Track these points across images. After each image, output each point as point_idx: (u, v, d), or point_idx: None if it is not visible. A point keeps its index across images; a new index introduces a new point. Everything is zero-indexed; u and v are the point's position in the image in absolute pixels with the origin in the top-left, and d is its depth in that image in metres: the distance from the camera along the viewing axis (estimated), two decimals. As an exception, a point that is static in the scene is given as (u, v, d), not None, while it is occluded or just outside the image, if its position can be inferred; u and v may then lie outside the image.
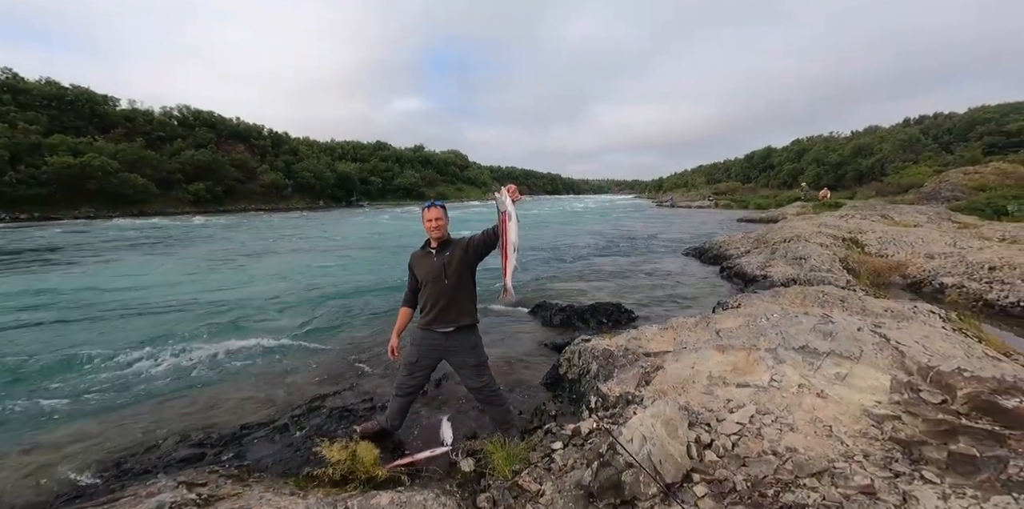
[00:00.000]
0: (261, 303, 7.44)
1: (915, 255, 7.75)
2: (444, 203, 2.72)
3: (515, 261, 2.43)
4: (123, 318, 6.64)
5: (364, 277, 9.59)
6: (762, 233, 10.80)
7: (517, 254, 2.42)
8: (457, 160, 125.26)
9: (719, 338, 3.13)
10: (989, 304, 5.27)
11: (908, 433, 1.54)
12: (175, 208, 50.11)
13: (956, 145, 42.06)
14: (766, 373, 2.35)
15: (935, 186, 25.59)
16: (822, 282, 6.07)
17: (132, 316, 6.74)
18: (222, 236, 21.00)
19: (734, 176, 76.22)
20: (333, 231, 23.60)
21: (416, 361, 2.82)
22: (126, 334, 5.85)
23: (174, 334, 5.78)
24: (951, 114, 49.88)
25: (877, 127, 58.76)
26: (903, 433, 1.56)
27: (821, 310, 3.40)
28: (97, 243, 17.81)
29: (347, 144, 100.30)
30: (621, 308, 5.95)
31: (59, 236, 21.28)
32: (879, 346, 2.24)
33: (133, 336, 5.73)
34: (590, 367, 3.59)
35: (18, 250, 15.55)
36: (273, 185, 66.71)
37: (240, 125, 73.13)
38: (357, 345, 5.32)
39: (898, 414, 1.64)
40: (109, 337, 5.74)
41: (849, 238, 9.08)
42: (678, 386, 2.86)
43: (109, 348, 5.24)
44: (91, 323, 6.39)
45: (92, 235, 21.69)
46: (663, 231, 20.25)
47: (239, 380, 4.44)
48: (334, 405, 3.75)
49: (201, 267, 11.41)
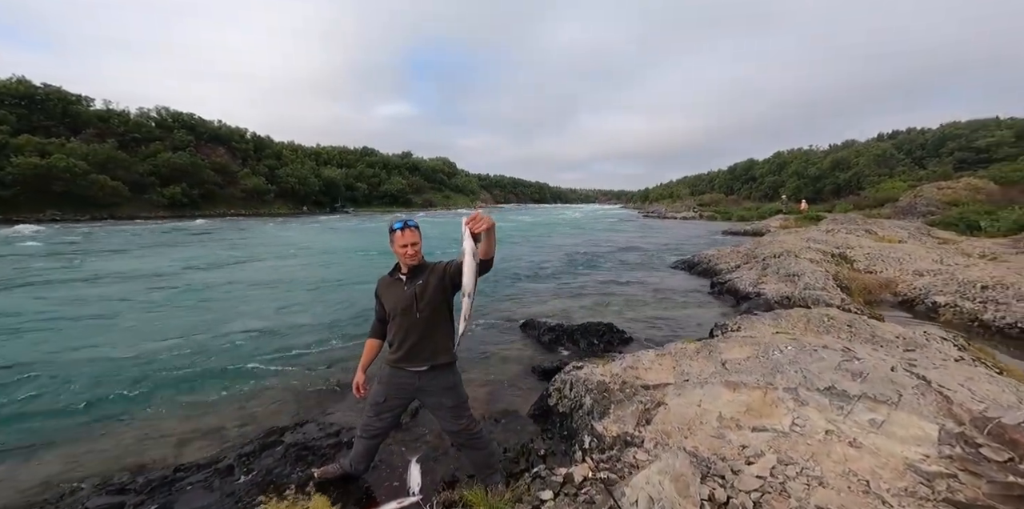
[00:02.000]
0: (214, 323, 6.87)
1: (903, 272, 7.72)
2: (417, 222, 2.34)
3: (468, 312, 1.98)
4: (43, 332, 6.04)
5: (333, 296, 9.10)
6: (751, 247, 10.73)
7: (471, 301, 1.95)
8: (445, 167, 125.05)
9: (726, 371, 2.85)
10: (985, 325, 5.17)
11: (969, 495, 1.28)
12: (148, 212, 48.42)
13: (928, 160, 43.69)
14: (787, 416, 2.07)
15: (910, 201, 26.37)
16: (817, 301, 5.92)
17: (47, 330, 6.16)
18: (190, 242, 20.13)
19: (718, 187, 77.84)
20: (307, 239, 22.91)
21: (384, 401, 2.45)
22: (41, 354, 5.27)
23: (105, 356, 5.22)
24: (923, 130, 51.92)
25: (853, 141, 60.87)
26: (962, 495, 1.29)
27: (831, 338, 3.17)
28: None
29: (333, 149, 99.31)
30: (613, 328, 5.66)
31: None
32: (920, 390, 2.00)
33: (52, 356, 5.16)
34: (583, 401, 3.26)
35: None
36: (255, 190, 65.29)
37: (221, 128, 71.71)
38: (322, 372, 4.88)
39: (953, 472, 1.38)
40: (22, 357, 5.14)
41: (838, 254, 9.05)
42: (683, 427, 2.56)
43: (18, 372, 4.67)
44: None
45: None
46: (652, 243, 20.22)
47: (182, 409, 3.97)
48: (292, 441, 3.30)
49: (144, 280, 10.73)
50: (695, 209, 52.46)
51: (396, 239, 2.24)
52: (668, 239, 21.88)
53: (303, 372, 4.82)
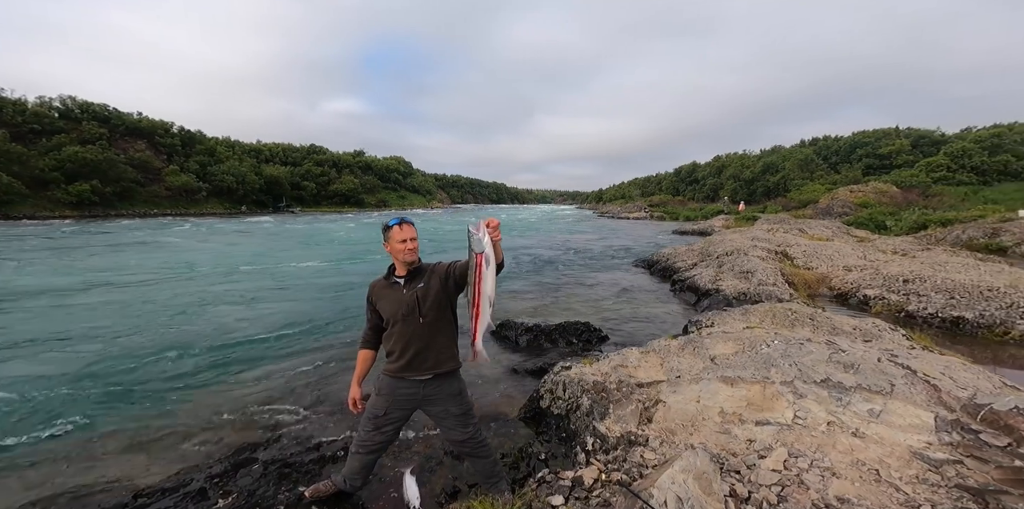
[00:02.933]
0: (168, 328, 6.23)
1: (835, 268, 8.58)
2: (412, 219, 2.21)
3: (488, 317, 1.97)
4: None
5: (304, 293, 8.56)
6: (703, 246, 11.43)
7: (492, 308, 1.96)
8: (400, 166, 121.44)
9: (717, 366, 3.00)
10: (911, 315, 5.87)
11: (979, 480, 1.43)
12: (50, 211, 42.73)
13: (842, 165, 49.01)
14: (788, 409, 2.21)
15: (828, 202, 29.47)
16: (770, 296, 6.42)
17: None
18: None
19: (665, 189, 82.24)
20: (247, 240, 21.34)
21: (384, 414, 2.29)
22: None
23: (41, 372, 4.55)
24: (837, 137, 58.09)
25: (781, 147, 66.73)
26: (972, 480, 1.44)
27: (807, 332, 3.45)
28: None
29: (276, 146, 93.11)
30: (590, 327, 5.78)
31: None
32: (909, 379, 2.22)
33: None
34: (580, 402, 3.29)
35: None
36: (184, 188, 59.68)
37: (142, 121, 64.96)
38: (293, 380, 4.55)
39: (959, 458, 1.54)
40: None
41: (779, 251, 9.88)
42: (687, 424, 2.65)
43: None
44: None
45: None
46: (610, 242, 20.94)
47: (125, 429, 3.55)
48: (269, 458, 3.04)
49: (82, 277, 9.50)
50: (646, 210, 55.26)
51: (394, 234, 2.11)
52: (625, 239, 22.77)
53: (257, 384, 4.46)
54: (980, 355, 4.29)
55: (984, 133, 39.88)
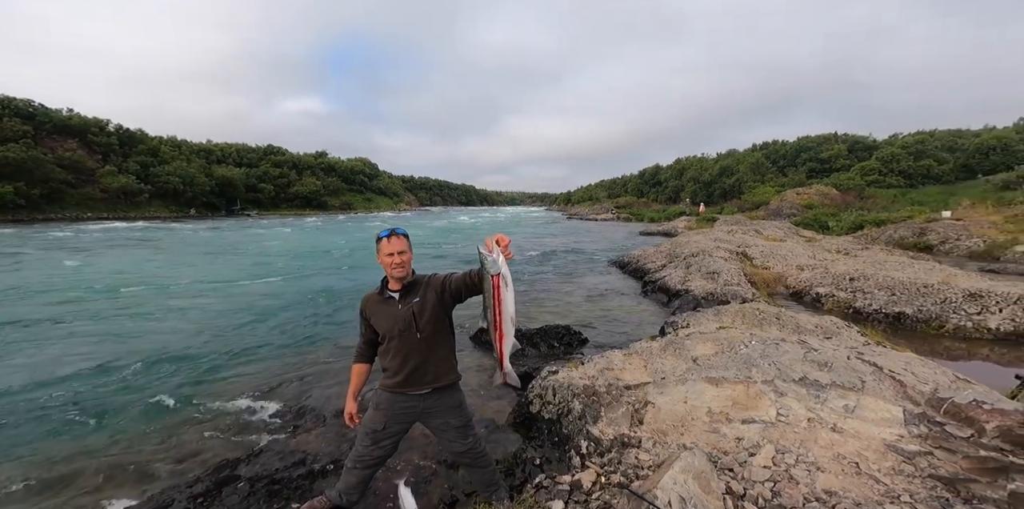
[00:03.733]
0: (127, 338, 5.78)
1: (789, 267, 9.21)
2: (405, 231, 2.15)
3: (512, 338, 1.99)
4: None
5: (279, 291, 8.17)
6: (670, 247, 11.93)
7: (515, 328, 1.98)
8: (365, 168, 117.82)
9: (700, 367, 3.16)
10: (858, 311, 6.42)
11: (950, 470, 1.61)
12: (-31, 217, 38.40)
13: (789, 169, 52.43)
14: (771, 408, 2.38)
15: (778, 204, 31.50)
16: (735, 295, 6.81)
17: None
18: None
19: (630, 191, 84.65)
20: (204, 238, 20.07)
21: (383, 429, 2.24)
22: None
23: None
24: (784, 142, 62.03)
25: (735, 150, 70.41)
26: (943, 470, 1.62)
27: (776, 331, 3.70)
28: None
29: (229, 146, 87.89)
30: (571, 330, 5.90)
31: None
32: (876, 376, 2.44)
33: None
34: (572, 406, 3.37)
35: None
36: (123, 190, 55.22)
37: (72, 118, 59.43)
38: (271, 387, 4.37)
39: (929, 449, 1.72)
40: None
41: (740, 252, 10.49)
42: (677, 425, 2.79)
43: None
44: None
45: None
46: (580, 243, 21.35)
47: (106, 446, 3.33)
48: (254, 474, 2.91)
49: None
50: (613, 212, 56.91)
51: (382, 247, 2.07)
52: (595, 240, 23.30)
53: (243, 392, 4.26)
54: (920, 348, 4.76)
55: (910, 139, 43.93)
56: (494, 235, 1.92)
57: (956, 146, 41.91)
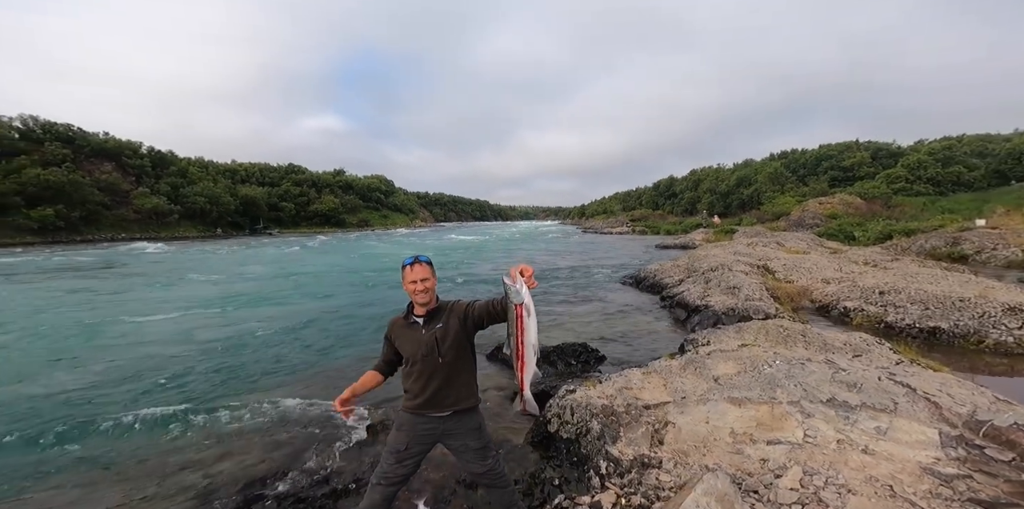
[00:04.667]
0: (156, 359, 5.98)
1: (814, 280, 8.95)
2: (429, 258, 2.23)
3: (534, 367, 2.01)
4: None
5: (305, 311, 8.34)
6: (688, 261, 11.76)
7: (537, 356, 2.00)
8: (381, 185, 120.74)
9: (722, 387, 3.09)
10: (890, 326, 6.17)
11: (990, 494, 1.53)
12: (11, 238, 40.68)
13: (810, 178, 51.32)
14: (798, 429, 2.31)
15: (799, 214, 30.79)
16: (758, 311, 6.64)
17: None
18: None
19: (645, 203, 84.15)
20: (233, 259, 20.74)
21: (406, 449, 2.29)
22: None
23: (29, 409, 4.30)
24: (804, 150, 60.81)
25: (752, 160, 69.40)
26: (983, 494, 1.55)
27: (803, 350, 3.60)
28: None
29: (252, 166, 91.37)
30: (588, 348, 5.84)
31: None
32: (910, 397, 2.35)
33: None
34: (590, 426, 3.32)
35: None
36: (154, 211, 57.75)
37: (108, 141, 62.70)
38: (296, 408, 4.43)
39: (968, 473, 1.64)
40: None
41: (761, 265, 10.25)
42: (699, 445, 2.72)
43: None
44: None
45: None
46: (595, 257, 21.25)
47: (127, 463, 3.43)
48: (282, 492, 2.98)
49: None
50: (628, 225, 56.58)
51: (405, 275, 2.14)
52: (611, 255, 23.12)
53: (270, 412, 4.34)
54: (959, 364, 4.54)
55: (936, 145, 42.63)
56: (518, 265, 1.96)
57: (986, 151, 40.50)
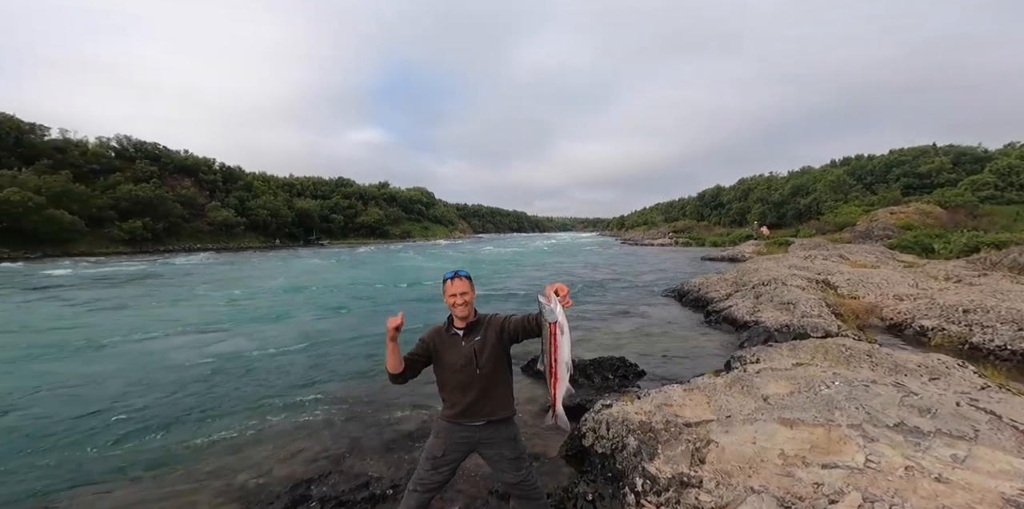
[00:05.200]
0: (209, 363, 6.47)
1: (885, 296, 8.15)
2: (468, 273, 2.30)
3: (567, 383, 2.04)
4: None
5: (345, 325, 8.75)
6: (737, 275, 11.14)
7: (570, 373, 2.03)
8: (423, 197, 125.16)
9: (772, 407, 2.88)
10: (976, 348, 5.48)
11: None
12: (106, 248, 45.79)
13: (878, 186, 47.16)
14: (858, 453, 2.10)
15: (867, 225, 28.31)
16: (816, 328, 6.14)
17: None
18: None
19: (689, 214, 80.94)
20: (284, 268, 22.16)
21: (442, 455, 2.36)
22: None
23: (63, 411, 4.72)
24: (871, 156, 55.98)
25: (810, 167, 64.91)
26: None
27: (868, 372, 3.28)
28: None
29: (307, 180, 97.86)
30: (626, 362, 5.65)
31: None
32: (994, 425, 2.09)
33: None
34: (626, 442, 3.20)
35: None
36: (224, 223, 63.10)
37: (188, 159, 69.27)
38: (340, 412, 4.61)
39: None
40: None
41: (821, 280, 9.50)
42: (744, 466, 2.54)
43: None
44: None
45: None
46: (636, 270, 20.66)
47: (183, 464, 3.66)
48: (324, 495, 3.09)
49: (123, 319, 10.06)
50: (670, 236, 54.46)
51: (446, 289, 2.23)
52: (652, 267, 22.39)
53: (315, 416, 4.55)
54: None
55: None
56: (553, 284, 2.02)
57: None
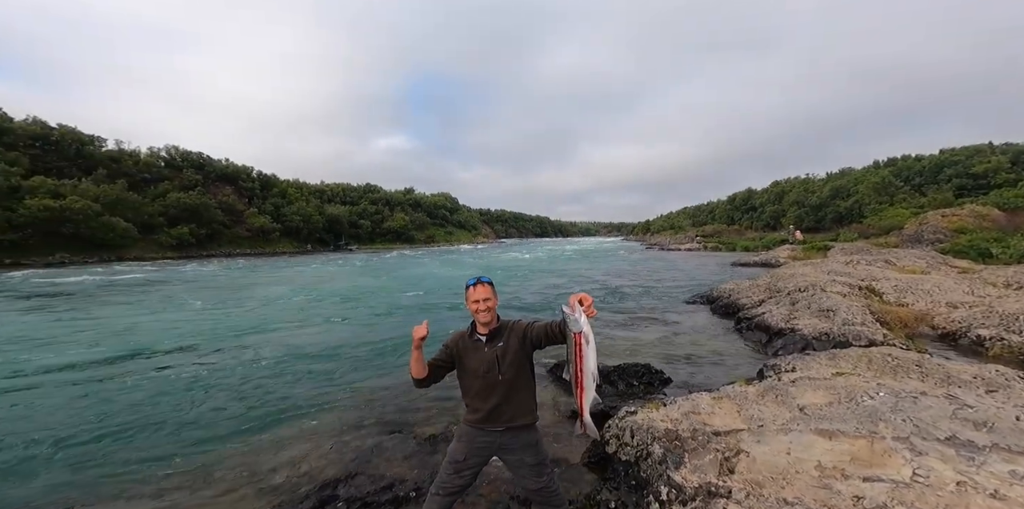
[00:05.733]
0: (239, 361, 6.73)
1: (936, 304, 7.61)
2: (490, 279, 2.30)
3: (593, 392, 2.01)
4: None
5: (375, 327, 8.91)
6: (770, 280, 10.67)
7: (596, 382, 2.00)
8: (447, 203, 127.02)
9: (808, 417, 2.72)
10: (1041, 359, 5.02)
11: None
12: (156, 253, 48.74)
13: (928, 187, 44.11)
14: (905, 467, 1.95)
15: (916, 228, 26.58)
16: (859, 336, 5.79)
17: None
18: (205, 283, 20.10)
19: (718, 218, 78.26)
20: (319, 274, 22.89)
21: (464, 460, 2.37)
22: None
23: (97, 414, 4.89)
24: (919, 156, 52.29)
25: (851, 169, 61.48)
26: None
27: (917, 382, 3.06)
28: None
29: (337, 186, 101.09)
30: (651, 369, 5.51)
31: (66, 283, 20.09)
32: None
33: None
34: (651, 449, 3.10)
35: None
36: (260, 229, 65.96)
37: (229, 167, 72.44)
38: (366, 415, 4.69)
39: None
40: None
41: (864, 286, 8.96)
42: (777, 477, 2.41)
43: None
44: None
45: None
46: (662, 275, 20.15)
47: (206, 461, 3.81)
48: (350, 495, 3.16)
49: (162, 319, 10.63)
50: (698, 240, 52.80)
51: (469, 295, 2.24)
52: (678, 272, 21.78)
53: (333, 419, 4.66)
54: None
55: (1103, 146, 34.76)
56: (578, 294, 1.99)
57: None
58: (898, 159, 55.73)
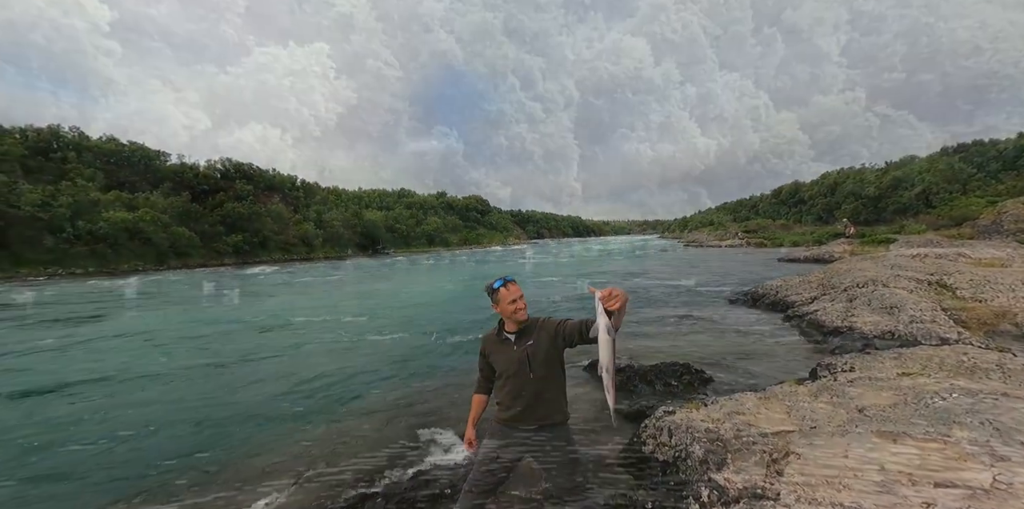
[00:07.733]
0: (288, 361, 7.06)
1: (1019, 300, 6.79)
2: (512, 277, 2.27)
3: (611, 385, 1.91)
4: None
5: (425, 325, 9.04)
6: (823, 276, 9.94)
7: (611, 376, 1.89)
8: (478, 205, 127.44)
9: (869, 419, 2.49)
10: None
11: None
12: (216, 260, 52.44)
13: (1005, 174, 39.81)
14: (984, 472, 1.74)
15: (994, 218, 24.04)
16: (929, 335, 5.26)
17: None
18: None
19: (762, 213, 74.19)
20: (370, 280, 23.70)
21: (496, 458, 2.35)
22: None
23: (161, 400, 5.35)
24: (993, 141, 47.55)
25: (914, 156, 56.62)
26: None
27: (999, 384, 2.73)
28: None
29: (373, 192, 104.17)
30: (691, 369, 5.27)
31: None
32: None
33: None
34: (691, 450, 2.95)
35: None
36: (305, 235, 69.31)
37: (276, 177, 76.01)
38: (402, 412, 4.79)
39: None
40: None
41: (934, 281, 8.14)
42: (832, 480, 2.22)
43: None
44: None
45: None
46: (702, 273, 19.31)
47: (249, 453, 4.02)
48: (388, 491, 3.24)
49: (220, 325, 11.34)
50: (740, 236, 50.12)
51: (503, 297, 2.19)
52: (720, 269, 20.78)
53: (371, 416, 4.79)
54: None
55: None
56: (608, 288, 1.89)
57: None
58: (969, 145, 50.62)
